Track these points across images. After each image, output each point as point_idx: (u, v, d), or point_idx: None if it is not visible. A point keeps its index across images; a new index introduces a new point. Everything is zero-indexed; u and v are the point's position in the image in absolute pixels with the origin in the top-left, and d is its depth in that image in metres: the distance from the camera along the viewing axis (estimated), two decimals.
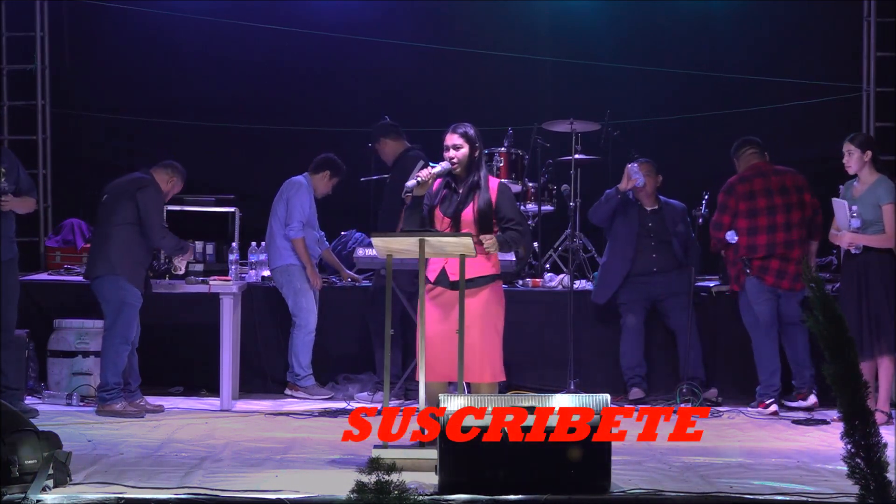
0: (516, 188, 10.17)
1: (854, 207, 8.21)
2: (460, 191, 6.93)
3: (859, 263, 8.24)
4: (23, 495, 5.64)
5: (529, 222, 10.08)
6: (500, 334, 6.97)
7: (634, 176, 9.26)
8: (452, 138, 6.95)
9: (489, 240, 6.81)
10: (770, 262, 8.77)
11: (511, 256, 9.12)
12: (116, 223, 8.38)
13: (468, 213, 6.90)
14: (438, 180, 6.98)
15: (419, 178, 6.85)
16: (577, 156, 9.99)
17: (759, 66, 10.99)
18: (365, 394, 9.14)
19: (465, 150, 6.92)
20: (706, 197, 9.17)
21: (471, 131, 6.96)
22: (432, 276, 6.89)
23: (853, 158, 8.31)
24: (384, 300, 7.09)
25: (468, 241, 6.57)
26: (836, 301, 5.12)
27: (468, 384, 6.93)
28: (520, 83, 11.25)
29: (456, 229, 6.85)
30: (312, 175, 9.46)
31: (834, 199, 8.42)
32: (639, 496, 5.88)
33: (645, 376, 9.27)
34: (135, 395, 8.50)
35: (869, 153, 8.32)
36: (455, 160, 6.92)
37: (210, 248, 9.30)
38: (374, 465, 5.40)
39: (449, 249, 6.71)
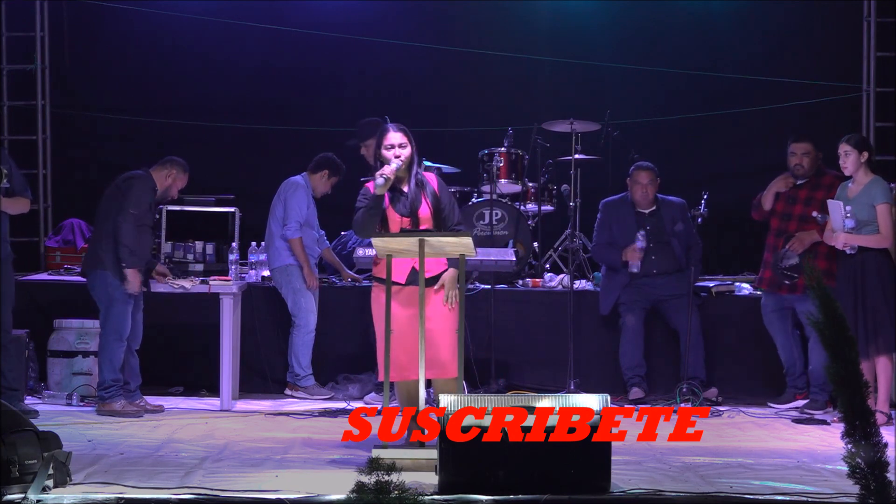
0: (516, 188, 10.19)
1: (848, 208, 8.21)
2: (406, 190, 6.95)
3: (855, 264, 8.24)
4: (23, 495, 5.64)
5: (529, 222, 10.10)
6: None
7: (633, 268, 9.26)
8: (397, 136, 6.95)
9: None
10: None
11: (511, 256, 9.13)
12: (106, 219, 8.38)
13: (425, 211, 6.95)
14: (371, 182, 7.00)
15: (386, 176, 6.84)
16: (577, 156, 9.99)
17: (759, 66, 10.99)
18: (372, 394, 9.14)
19: (408, 148, 6.95)
20: (706, 196, 9.16)
21: (408, 131, 7.01)
22: (402, 278, 6.87)
23: (850, 159, 8.31)
24: None
25: (468, 241, 6.58)
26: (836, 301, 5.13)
27: (431, 381, 6.99)
28: (520, 83, 11.25)
29: (415, 227, 6.88)
30: (311, 175, 9.46)
31: (829, 200, 8.43)
32: (639, 496, 5.88)
33: (645, 376, 9.27)
34: (134, 395, 8.49)
35: (865, 154, 8.33)
36: (402, 158, 6.93)
37: (210, 248, 9.30)
38: (374, 465, 5.40)
39: (448, 249, 6.72)
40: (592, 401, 5.94)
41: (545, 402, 5.92)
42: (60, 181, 11.24)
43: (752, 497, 5.85)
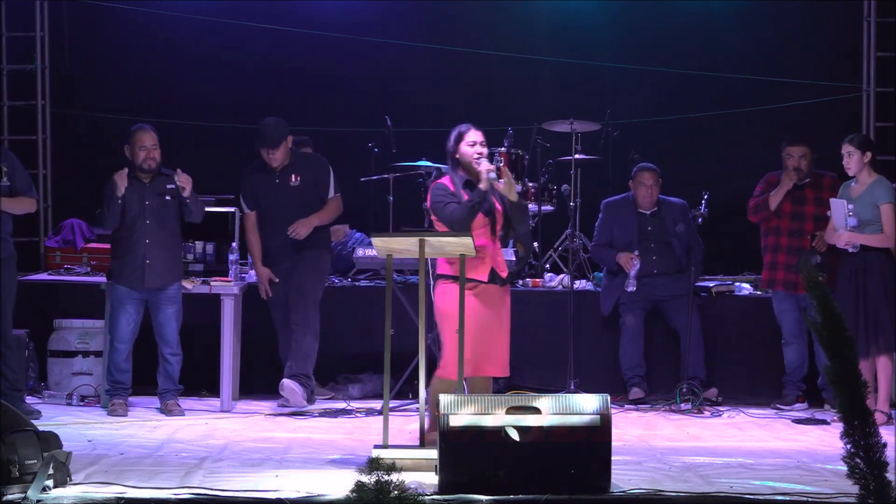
0: (516, 188, 10.18)
1: (851, 206, 8.22)
2: (480, 187, 6.94)
3: (857, 263, 8.25)
4: (23, 495, 5.63)
5: (529, 222, 10.10)
6: None
7: (629, 286, 9.23)
8: (479, 134, 7.06)
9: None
10: None
11: (511, 256, 9.13)
12: None
13: (500, 210, 7.03)
14: (446, 177, 7.06)
15: (493, 170, 6.88)
16: (577, 156, 9.99)
17: (759, 66, 10.99)
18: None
19: (486, 149, 7.02)
20: (706, 197, 9.17)
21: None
22: (484, 276, 6.92)
23: (853, 160, 8.32)
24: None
25: (468, 241, 6.59)
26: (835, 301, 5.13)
27: (469, 380, 6.96)
28: (520, 83, 11.25)
29: (493, 225, 6.96)
30: None
31: (831, 199, 8.44)
32: (639, 496, 5.87)
33: (645, 376, 9.27)
34: (165, 396, 8.57)
35: (869, 154, 8.33)
36: (486, 155, 6.99)
37: (210, 248, 9.28)
38: (373, 465, 5.40)
39: (449, 249, 6.73)
40: (592, 401, 5.94)
41: (545, 402, 5.92)
42: (60, 181, 11.24)
43: (752, 497, 5.84)
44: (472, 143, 7.02)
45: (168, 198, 8.49)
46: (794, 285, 8.90)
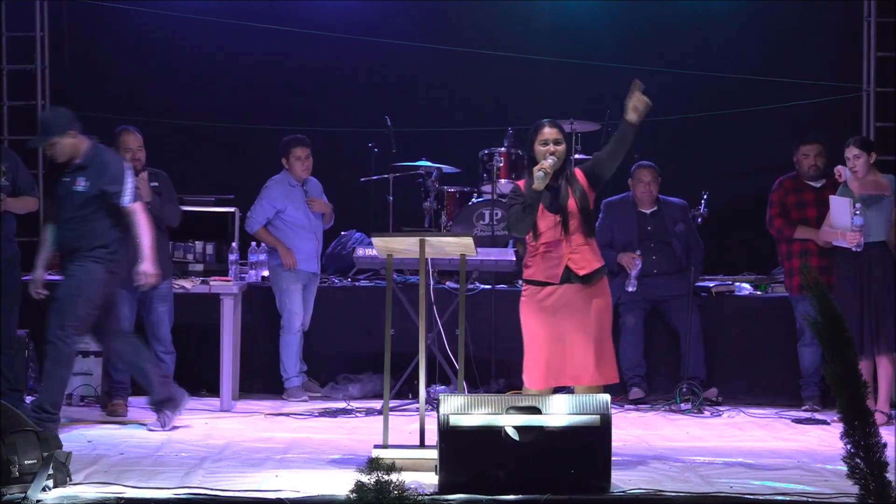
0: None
1: (859, 205, 8.18)
2: (553, 185, 6.70)
3: (862, 261, 8.23)
4: (23, 495, 5.64)
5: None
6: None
7: (630, 286, 9.22)
8: (553, 132, 6.73)
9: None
10: None
11: (511, 256, 9.13)
12: None
13: (572, 205, 6.69)
14: (523, 181, 6.82)
15: (545, 171, 6.58)
16: (577, 156, 9.99)
17: (759, 66, 10.99)
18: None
19: (563, 146, 6.73)
20: (706, 196, 9.17)
21: (564, 127, 6.85)
22: (556, 278, 6.65)
23: (861, 162, 8.27)
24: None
25: (468, 241, 6.58)
26: (834, 301, 5.13)
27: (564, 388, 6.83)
28: (520, 83, 11.25)
29: (565, 223, 6.63)
30: (285, 169, 9.45)
31: (833, 197, 8.41)
32: (639, 496, 5.88)
33: (645, 376, 9.28)
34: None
35: (874, 155, 8.33)
36: (556, 154, 6.69)
37: (210, 248, 9.29)
38: (373, 465, 5.40)
39: (449, 249, 6.73)
40: (592, 401, 5.94)
41: (545, 402, 5.92)
42: None
43: (752, 497, 5.85)
44: (544, 141, 6.72)
45: (154, 195, 8.44)
46: (829, 288, 8.87)
